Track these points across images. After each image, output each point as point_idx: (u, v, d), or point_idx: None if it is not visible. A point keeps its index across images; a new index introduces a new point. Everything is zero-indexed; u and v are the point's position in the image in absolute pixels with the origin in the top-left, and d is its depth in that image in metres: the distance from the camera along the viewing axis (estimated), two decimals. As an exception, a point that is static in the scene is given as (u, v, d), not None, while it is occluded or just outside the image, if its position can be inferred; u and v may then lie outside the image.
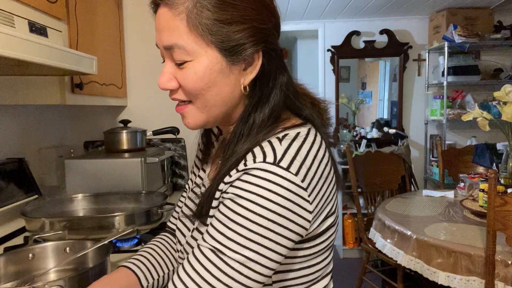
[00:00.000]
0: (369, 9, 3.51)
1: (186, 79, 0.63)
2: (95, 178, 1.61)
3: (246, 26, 0.62)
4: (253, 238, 0.56)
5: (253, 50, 0.63)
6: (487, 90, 3.64)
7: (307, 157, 0.60)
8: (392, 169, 2.88)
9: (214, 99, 0.64)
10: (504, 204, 1.48)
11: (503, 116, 2.03)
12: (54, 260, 1.05)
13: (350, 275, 3.28)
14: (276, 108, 0.66)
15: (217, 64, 0.62)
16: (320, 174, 0.62)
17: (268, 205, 0.56)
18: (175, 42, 0.62)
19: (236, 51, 0.62)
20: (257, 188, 0.57)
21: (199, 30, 0.61)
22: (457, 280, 1.60)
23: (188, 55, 0.62)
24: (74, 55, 1.18)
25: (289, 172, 0.57)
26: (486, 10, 3.43)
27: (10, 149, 1.59)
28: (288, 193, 0.57)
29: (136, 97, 2.12)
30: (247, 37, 0.62)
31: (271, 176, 0.57)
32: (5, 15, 0.99)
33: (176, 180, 2.14)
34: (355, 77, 4.22)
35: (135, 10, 2.07)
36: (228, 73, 0.63)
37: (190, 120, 0.68)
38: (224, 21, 0.61)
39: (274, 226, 0.57)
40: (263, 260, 0.57)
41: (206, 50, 0.62)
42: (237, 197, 0.58)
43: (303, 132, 0.64)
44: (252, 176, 0.58)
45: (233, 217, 0.57)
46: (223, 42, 0.61)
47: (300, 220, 0.59)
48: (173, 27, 0.62)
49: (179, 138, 2.09)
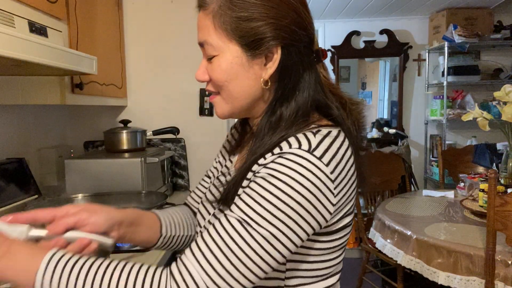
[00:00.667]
0: (369, 9, 3.51)
1: (212, 72, 0.70)
2: (95, 178, 1.61)
3: (263, 22, 0.67)
4: (280, 217, 0.60)
5: (271, 45, 0.67)
6: (487, 90, 3.64)
7: (338, 153, 0.64)
8: (392, 169, 2.88)
9: (236, 91, 0.70)
10: (504, 204, 1.48)
11: (503, 116, 2.03)
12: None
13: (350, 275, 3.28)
14: (303, 106, 0.69)
15: (238, 58, 0.68)
16: (346, 172, 0.65)
17: (298, 187, 0.60)
18: (205, 39, 0.70)
19: (254, 46, 0.67)
20: (289, 170, 0.61)
21: (223, 27, 0.68)
22: (457, 280, 1.60)
23: (215, 51, 0.69)
24: (74, 55, 1.18)
25: (321, 162, 0.61)
26: (486, 10, 3.43)
27: (10, 149, 1.59)
28: (318, 180, 0.61)
29: (136, 97, 2.12)
30: (264, 32, 0.67)
31: (304, 162, 0.61)
32: (5, 15, 0.99)
33: (176, 180, 2.14)
34: (355, 77, 4.22)
35: (135, 10, 2.07)
36: (249, 68, 0.69)
37: (218, 110, 0.74)
38: (243, 18, 0.67)
39: (300, 209, 0.60)
40: (284, 239, 0.60)
41: (229, 45, 0.68)
42: (269, 176, 0.62)
43: (334, 132, 0.67)
44: (287, 159, 0.62)
45: (263, 193, 0.61)
46: (242, 38, 0.67)
47: (323, 210, 0.62)
48: (204, 26, 0.70)
49: (179, 138, 2.10)
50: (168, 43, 2.10)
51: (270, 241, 0.59)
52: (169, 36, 2.09)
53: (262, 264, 0.60)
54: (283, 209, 0.60)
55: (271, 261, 0.60)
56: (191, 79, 2.10)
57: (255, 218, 0.60)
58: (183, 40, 2.09)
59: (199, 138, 2.13)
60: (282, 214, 0.59)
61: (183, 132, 2.07)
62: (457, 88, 3.66)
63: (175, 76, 2.12)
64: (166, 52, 2.10)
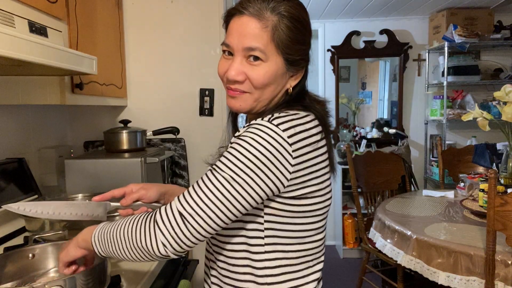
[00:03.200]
0: (369, 9, 3.51)
1: (258, 75, 0.82)
2: (95, 178, 1.61)
3: (306, 47, 0.85)
4: (237, 164, 0.75)
5: (304, 64, 0.87)
6: (487, 90, 3.64)
7: (298, 126, 0.79)
8: (392, 169, 2.88)
9: (268, 94, 0.84)
10: (504, 204, 1.48)
11: (503, 116, 2.03)
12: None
13: (350, 275, 3.28)
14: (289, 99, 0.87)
15: (281, 69, 0.83)
16: (308, 143, 0.79)
17: (257, 146, 0.75)
18: (258, 46, 0.80)
19: (294, 63, 0.84)
20: (251, 134, 0.77)
21: (277, 42, 0.81)
22: (457, 280, 1.60)
23: (265, 57, 0.81)
24: (74, 55, 1.18)
25: (277, 128, 0.76)
26: (486, 10, 3.43)
27: (10, 149, 1.59)
28: (273, 141, 0.75)
29: (136, 97, 2.12)
30: (304, 55, 0.85)
31: (263, 128, 0.77)
32: (5, 15, 0.99)
33: (176, 180, 2.14)
34: (355, 77, 4.21)
35: (135, 10, 2.07)
36: (283, 78, 0.85)
37: (242, 104, 0.85)
38: (295, 40, 0.82)
39: (257, 161, 0.74)
40: (242, 182, 0.74)
41: (276, 57, 0.82)
42: (237, 139, 0.78)
43: (301, 113, 0.82)
44: (250, 127, 0.78)
45: (230, 150, 0.77)
46: (289, 55, 0.82)
47: (281, 167, 0.76)
48: (258, 35, 0.80)
49: (179, 138, 2.09)
50: (168, 43, 2.10)
51: (230, 183, 0.74)
52: (169, 36, 2.09)
53: (223, 199, 0.74)
54: (240, 159, 0.75)
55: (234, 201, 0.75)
56: (191, 79, 2.11)
57: (219, 165, 0.77)
58: (183, 40, 2.09)
59: (199, 138, 2.13)
60: (239, 162, 0.75)
61: (183, 132, 2.07)
62: (457, 88, 3.66)
63: (175, 76, 2.12)
64: (166, 52, 2.10)
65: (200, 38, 2.10)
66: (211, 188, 0.75)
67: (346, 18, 3.83)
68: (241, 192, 0.75)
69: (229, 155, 0.76)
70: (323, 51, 3.93)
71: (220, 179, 0.75)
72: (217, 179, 0.75)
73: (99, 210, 0.96)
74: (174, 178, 2.13)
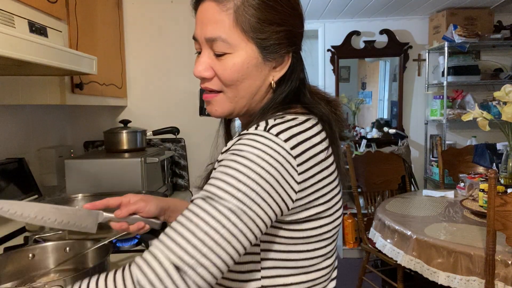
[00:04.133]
0: (369, 9, 3.51)
1: (224, 70, 0.68)
2: (95, 178, 1.61)
3: (283, 28, 0.68)
4: (242, 189, 0.59)
5: (286, 51, 0.70)
6: (487, 90, 3.64)
7: (299, 134, 0.64)
8: (392, 169, 2.88)
9: (245, 90, 0.70)
10: (504, 204, 1.48)
11: (503, 116, 2.03)
12: (54, 260, 1.05)
13: (350, 275, 3.28)
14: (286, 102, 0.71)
15: (254, 59, 0.68)
16: (313, 155, 0.65)
17: (260, 162, 0.60)
18: (219, 35, 0.67)
19: (271, 50, 0.68)
20: (247, 147, 0.61)
21: (243, 26, 0.66)
22: (457, 280, 1.60)
23: (230, 48, 0.67)
24: (74, 55, 1.18)
25: (278, 138, 0.62)
26: (486, 10, 3.43)
27: (10, 149, 1.59)
28: (277, 155, 0.61)
29: (136, 97, 2.12)
30: (282, 38, 0.68)
31: (261, 139, 0.62)
32: (5, 15, 0.99)
33: (176, 180, 2.14)
34: (355, 77, 4.21)
35: (135, 10, 2.07)
36: (261, 69, 0.69)
37: (218, 108, 0.73)
38: (266, 21, 0.67)
39: (262, 182, 0.59)
40: (250, 212, 0.59)
41: (246, 44, 0.67)
42: (230, 155, 0.62)
43: (300, 118, 0.68)
44: (244, 139, 0.63)
45: (224, 170, 0.61)
46: (262, 40, 0.67)
47: (287, 186, 0.61)
48: (219, 20, 0.66)
49: (179, 138, 2.10)
50: (168, 43, 2.10)
51: (236, 213, 0.58)
52: (169, 36, 2.09)
53: (231, 238, 0.58)
54: (244, 181, 0.59)
55: (240, 236, 0.58)
56: (191, 79, 2.11)
57: (218, 193, 0.59)
58: (183, 40, 2.09)
59: (199, 138, 2.14)
60: (244, 186, 0.59)
61: (183, 132, 2.07)
62: (457, 88, 3.66)
63: (175, 76, 2.12)
64: (166, 52, 2.10)
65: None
66: (214, 225, 0.57)
67: (346, 18, 3.83)
68: (249, 224, 0.59)
69: (227, 176, 0.60)
70: (323, 51, 3.93)
71: (223, 211, 0.58)
72: (219, 212, 0.58)
73: (89, 220, 0.83)
74: (174, 178, 2.13)
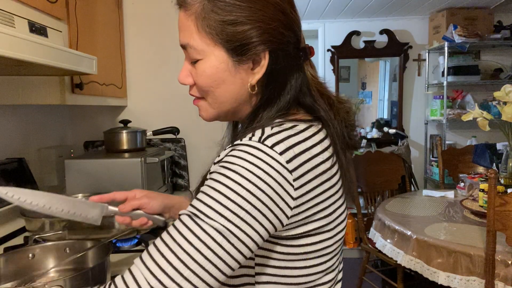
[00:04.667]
0: (369, 9, 3.51)
1: (197, 76, 0.68)
2: (95, 178, 1.61)
3: (250, 26, 0.63)
4: (230, 207, 0.55)
5: (259, 50, 0.64)
6: (487, 90, 3.64)
7: (297, 145, 0.60)
8: (392, 169, 2.88)
9: (223, 95, 0.67)
10: (504, 204, 1.48)
11: (503, 116, 2.03)
12: (54, 260, 1.05)
13: (350, 275, 3.28)
14: (283, 108, 0.67)
15: (223, 63, 0.65)
16: (311, 168, 0.60)
17: (251, 177, 0.56)
18: (187, 42, 0.66)
19: (241, 51, 0.64)
20: (239, 160, 0.57)
21: (206, 30, 0.64)
22: (457, 280, 1.60)
23: (199, 54, 0.66)
24: (74, 55, 1.18)
25: (273, 150, 0.57)
26: (486, 10, 3.43)
27: (10, 149, 1.59)
28: (270, 169, 0.56)
29: (136, 97, 2.12)
30: (251, 37, 0.63)
31: (254, 151, 0.57)
32: (5, 15, 0.99)
33: (176, 180, 2.14)
34: (355, 77, 4.21)
35: (135, 10, 2.06)
36: (235, 72, 0.65)
37: (204, 113, 0.72)
38: (228, 22, 0.63)
39: (253, 199, 0.55)
40: (239, 232, 0.55)
41: (213, 49, 0.65)
42: (220, 168, 0.58)
43: (300, 126, 0.63)
44: (237, 150, 0.59)
45: (213, 185, 0.57)
46: (228, 42, 0.64)
47: (281, 202, 0.57)
48: (186, 27, 0.66)
49: (179, 138, 2.09)
50: (168, 43, 2.10)
51: (223, 234, 0.54)
52: (169, 36, 2.09)
53: (216, 260, 0.54)
54: (234, 199, 0.55)
55: (227, 257, 0.55)
56: (191, 79, 2.11)
57: (205, 211, 0.55)
58: (183, 40, 2.09)
59: (199, 138, 2.13)
60: (233, 204, 0.55)
61: (183, 132, 2.07)
62: (457, 88, 3.66)
63: (175, 76, 2.10)
64: (166, 52, 2.10)
65: (200, 38, 2.10)
66: (198, 246, 0.54)
67: (346, 18, 3.83)
68: (237, 245, 0.55)
69: (215, 192, 0.56)
70: (323, 51, 3.93)
71: (208, 231, 0.54)
72: (204, 231, 0.54)
73: (95, 212, 0.85)
74: (174, 178, 2.13)
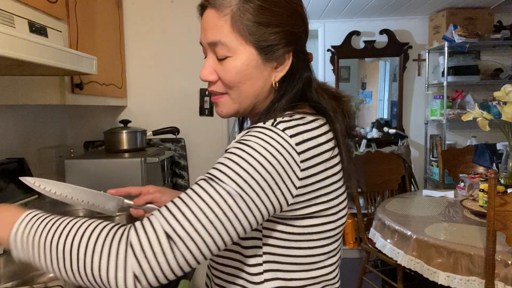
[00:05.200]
0: (369, 9, 3.51)
1: (226, 72, 0.72)
2: (95, 178, 1.61)
3: (280, 29, 0.71)
4: (242, 175, 0.62)
5: (285, 51, 0.72)
6: (487, 90, 3.64)
7: (306, 132, 0.67)
8: (392, 169, 2.88)
9: (247, 91, 0.73)
10: (504, 204, 1.48)
11: (503, 116, 2.03)
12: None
13: (350, 275, 3.28)
14: (294, 100, 0.74)
15: (253, 60, 0.71)
16: (317, 154, 0.67)
17: (263, 152, 0.63)
18: (219, 39, 0.70)
19: (270, 51, 0.71)
20: (253, 138, 0.65)
21: (240, 30, 0.70)
22: (457, 280, 1.60)
23: (229, 51, 0.71)
24: (74, 55, 1.18)
25: (284, 133, 0.65)
26: (486, 10, 3.43)
27: (10, 149, 1.59)
28: (281, 148, 0.63)
29: (136, 97, 2.12)
30: (280, 39, 0.71)
31: (268, 132, 0.65)
32: (5, 15, 0.99)
33: (176, 180, 2.14)
34: (355, 77, 4.21)
35: (135, 10, 2.06)
36: (262, 70, 0.72)
37: (223, 109, 0.76)
38: (262, 23, 0.70)
39: (264, 172, 0.62)
40: (247, 199, 0.61)
41: (245, 47, 0.71)
42: (237, 143, 0.66)
43: (308, 118, 0.70)
44: (252, 131, 0.66)
45: (229, 156, 0.64)
46: (260, 42, 0.70)
47: (287, 180, 0.63)
48: (218, 26, 0.70)
49: (179, 138, 2.09)
50: (168, 43, 2.10)
51: (234, 198, 0.61)
52: (169, 36, 2.09)
53: (224, 220, 0.60)
54: (246, 168, 0.62)
55: (235, 220, 0.61)
56: (191, 79, 2.11)
57: (219, 176, 0.62)
58: (183, 40, 2.09)
59: (199, 138, 2.13)
60: (245, 173, 0.62)
61: (183, 132, 2.07)
62: (457, 88, 3.66)
63: (175, 76, 2.12)
64: (166, 52, 2.10)
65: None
66: (210, 204, 0.60)
67: (346, 18, 3.83)
68: (245, 211, 0.61)
69: (230, 162, 0.63)
70: (323, 51, 3.93)
71: (221, 193, 0.61)
72: (217, 192, 0.61)
73: (112, 204, 0.91)
74: (174, 178, 2.13)
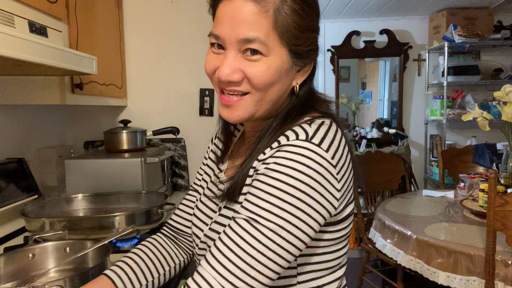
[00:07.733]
0: (369, 9, 3.51)
1: (258, 73, 0.65)
2: (95, 178, 1.61)
3: (314, 35, 0.69)
4: (285, 208, 0.59)
5: (313, 57, 0.70)
6: (487, 90, 3.64)
7: (335, 139, 0.64)
8: (392, 169, 2.88)
9: (273, 94, 0.68)
10: (504, 204, 1.48)
11: (503, 116, 2.03)
12: (54, 260, 1.05)
13: (350, 275, 3.28)
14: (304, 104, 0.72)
15: (286, 64, 0.67)
16: (345, 159, 0.65)
17: (301, 177, 0.59)
18: (257, 36, 0.63)
19: (300, 55, 0.68)
20: (290, 162, 0.60)
21: (280, 29, 0.64)
22: (457, 280, 1.60)
23: (266, 51, 0.64)
24: (74, 55, 1.18)
25: (320, 148, 0.61)
26: (486, 10, 3.43)
27: (10, 149, 1.59)
28: (320, 167, 0.60)
29: (136, 97, 2.12)
30: (313, 44, 0.69)
31: (304, 151, 0.61)
32: (5, 15, 0.99)
33: (176, 180, 2.14)
34: (355, 77, 4.21)
35: (135, 10, 2.06)
36: (290, 74, 0.69)
37: (240, 112, 0.69)
38: (303, 26, 0.66)
39: (306, 197, 0.59)
40: (295, 230, 0.59)
41: (280, 49, 0.65)
42: (270, 171, 0.61)
43: (327, 121, 0.68)
44: (286, 151, 0.61)
45: (266, 189, 0.60)
46: (295, 46, 0.66)
47: (329, 196, 0.62)
48: (258, 21, 0.63)
49: (179, 138, 2.10)
50: (168, 43, 2.10)
51: (280, 234, 0.59)
52: (169, 36, 2.09)
53: (277, 258, 0.59)
54: (288, 200, 0.59)
55: (286, 254, 0.60)
56: (191, 79, 2.11)
57: (262, 214, 0.59)
58: (183, 40, 2.09)
59: (199, 138, 2.14)
60: (288, 205, 0.59)
61: (183, 132, 2.07)
62: (457, 88, 3.66)
63: (175, 76, 2.12)
64: (166, 52, 2.10)
65: (200, 38, 2.09)
66: (260, 249, 0.58)
67: (346, 18, 3.83)
68: (294, 242, 0.60)
69: (271, 197, 0.60)
70: (323, 51, 3.92)
71: (268, 234, 0.59)
72: (264, 235, 0.59)
73: None
74: (174, 178, 2.13)
